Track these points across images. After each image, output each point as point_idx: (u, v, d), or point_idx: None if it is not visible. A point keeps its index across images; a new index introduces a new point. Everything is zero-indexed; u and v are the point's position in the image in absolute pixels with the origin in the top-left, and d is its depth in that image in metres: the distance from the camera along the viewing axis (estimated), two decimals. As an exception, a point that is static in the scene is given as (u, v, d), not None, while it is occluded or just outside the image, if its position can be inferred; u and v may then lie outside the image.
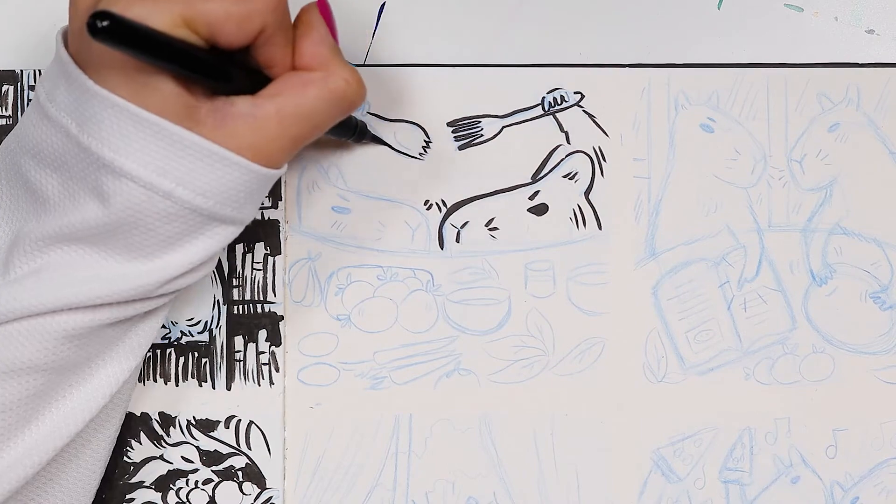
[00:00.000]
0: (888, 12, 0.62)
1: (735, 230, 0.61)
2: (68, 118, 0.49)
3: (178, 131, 0.48)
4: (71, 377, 0.53)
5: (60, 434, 0.52)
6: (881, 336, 0.61)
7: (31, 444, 0.52)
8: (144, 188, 0.48)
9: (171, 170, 0.48)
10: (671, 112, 0.61)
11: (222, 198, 0.50)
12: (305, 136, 0.51)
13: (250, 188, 0.50)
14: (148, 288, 0.51)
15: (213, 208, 0.50)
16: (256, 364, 0.60)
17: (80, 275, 0.50)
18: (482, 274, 0.60)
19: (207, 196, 0.49)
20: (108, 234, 0.50)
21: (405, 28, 0.61)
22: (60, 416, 0.53)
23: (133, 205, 0.49)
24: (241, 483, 0.60)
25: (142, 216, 0.49)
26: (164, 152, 0.48)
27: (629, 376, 0.60)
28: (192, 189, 0.49)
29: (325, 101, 0.50)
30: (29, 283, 0.50)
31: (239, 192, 0.50)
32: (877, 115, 0.61)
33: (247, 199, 0.51)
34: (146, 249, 0.50)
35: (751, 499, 0.60)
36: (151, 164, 0.48)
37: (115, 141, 0.48)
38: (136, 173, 0.48)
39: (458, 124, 0.61)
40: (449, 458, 0.60)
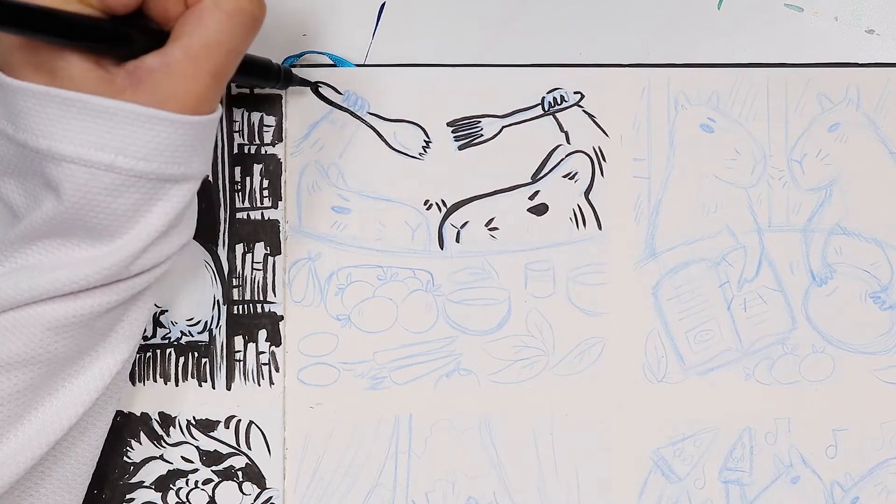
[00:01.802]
0: (888, 12, 0.62)
1: (735, 230, 0.61)
2: (4, 121, 0.49)
3: (101, 102, 0.48)
4: (62, 371, 0.53)
5: (54, 428, 0.53)
6: (881, 336, 0.61)
7: (24, 440, 0.52)
8: (86, 167, 0.48)
9: (106, 142, 0.48)
10: (671, 112, 0.61)
11: (164, 157, 0.49)
12: (224, 67, 0.50)
13: (190, 140, 0.50)
14: (121, 265, 0.51)
15: (159, 169, 0.49)
16: (256, 364, 0.60)
17: (53, 264, 0.51)
18: (482, 274, 0.60)
19: (149, 159, 0.49)
20: (69, 222, 0.50)
21: (405, 28, 0.61)
22: (53, 411, 0.53)
23: (81, 186, 0.48)
24: (241, 483, 0.60)
25: (92, 195, 0.49)
26: (95, 127, 0.48)
27: (629, 376, 0.60)
28: (131, 156, 0.48)
29: (226, 22, 0.49)
30: (6, 280, 0.50)
31: (179, 147, 0.49)
32: (877, 115, 0.61)
33: (192, 153, 0.50)
34: (108, 229, 0.50)
35: (751, 499, 0.60)
36: (86, 141, 0.48)
37: (45, 128, 0.48)
38: (75, 154, 0.48)
39: (458, 124, 0.61)
40: (449, 458, 0.60)
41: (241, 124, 0.60)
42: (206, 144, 0.51)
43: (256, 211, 0.60)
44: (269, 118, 0.60)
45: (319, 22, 0.61)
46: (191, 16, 0.50)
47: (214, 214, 0.60)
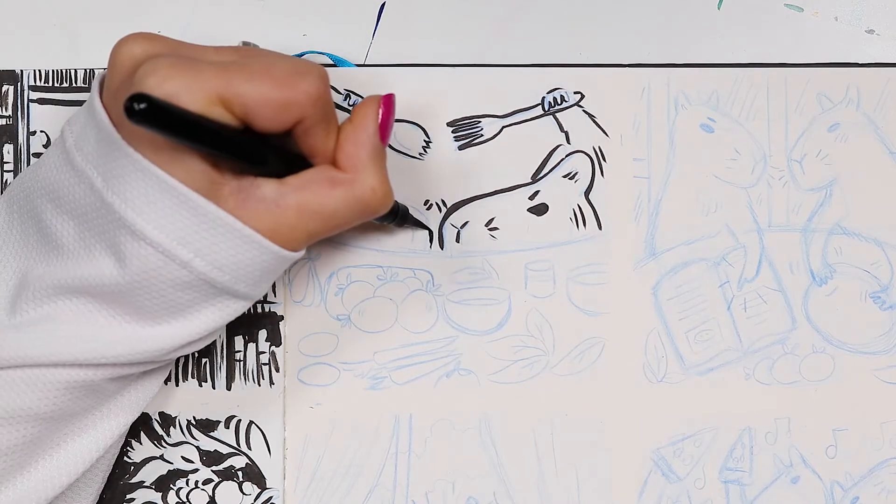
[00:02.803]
0: (888, 12, 0.62)
1: (735, 230, 0.61)
2: (94, 171, 0.48)
3: (203, 203, 0.47)
4: (67, 427, 0.53)
5: (53, 484, 0.53)
6: (881, 336, 0.61)
7: (23, 492, 0.52)
8: (163, 255, 0.48)
9: (191, 240, 0.48)
10: (671, 112, 0.61)
11: (238, 274, 0.49)
12: (323, 232, 0.51)
13: (266, 267, 0.50)
14: (154, 354, 0.51)
15: (228, 283, 0.49)
16: (256, 364, 0.60)
17: (87, 331, 0.50)
18: (482, 274, 0.60)
19: (224, 270, 0.49)
20: (120, 294, 0.49)
21: (405, 28, 0.61)
22: (54, 466, 0.53)
23: (149, 269, 0.48)
24: (241, 483, 0.60)
25: (156, 282, 0.49)
26: (187, 222, 0.48)
27: (629, 376, 0.60)
28: (209, 262, 0.48)
29: (348, 205, 0.50)
30: (35, 333, 0.50)
31: (255, 271, 0.50)
32: (877, 115, 0.61)
33: (261, 278, 0.51)
34: (155, 314, 0.50)
35: (751, 499, 0.60)
36: (173, 232, 0.48)
37: (139, 203, 0.47)
38: (157, 239, 0.48)
39: (458, 124, 0.61)
40: (449, 458, 0.60)
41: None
42: (275, 274, 0.51)
43: (256, 211, 0.60)
44: (269, 118, 0.60)
45: (319, 22, 0.61)
46: (325, 177, 0.50)
47: (214, 214, 0.60)
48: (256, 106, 0.47)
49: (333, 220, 0.50)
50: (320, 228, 0.50)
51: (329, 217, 0.50)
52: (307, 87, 0.48)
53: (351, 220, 0.51)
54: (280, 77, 0.48)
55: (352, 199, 0.50)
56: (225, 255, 0.49)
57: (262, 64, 0.48)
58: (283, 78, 0.48)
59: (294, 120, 0.48)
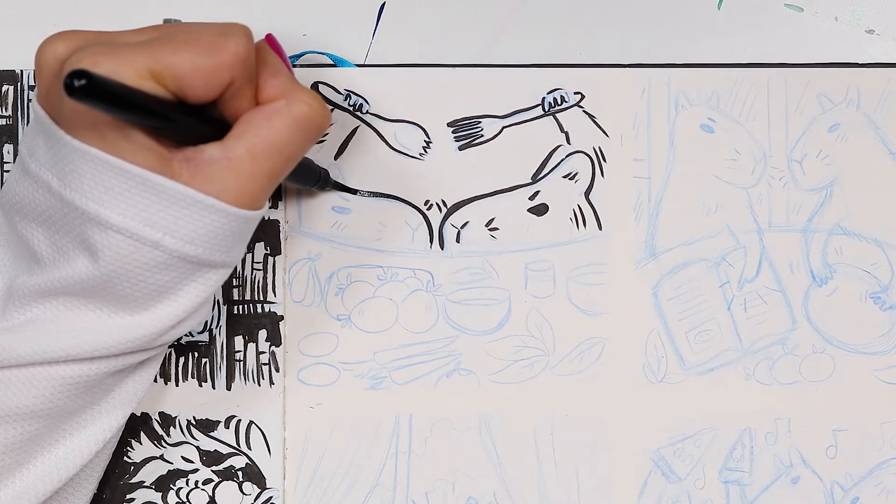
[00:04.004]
0: (888, 12, 0.62)
1: (735, 230, 0.61)
2: (49, 174, 0.48)
3: (161, 181, 0.47)
4: (65, 424, 0.53)
5: (51, 479, 0.53)
6: (881, 336, 0.61)
7: (21, 489, 0.52)
8: (132, 239, 0.48)
9: (157, 220, 0.48)
10: (671, 112, 0.61)
11: (210, 244, 0.49)
12: (281, 169, 0.50)
13: (236, 231, 0.50)
14: (144, 340, 0.51)
15: (203, 255, 0.49)
16: (256, 364, 0.60)
17: (75, 328, 0.50)
18: (482, 274, 0.60)
19: (196, 243, 0.49)
20: (100, 288, 0.49)
21: (405, 28, 0.61)
22: (52, 462, 0.53)
23: (122, 257, 0.48)
24: (241, 483, 0.60)
25: (131, 267, 0.49)
26: (148, 203, 0.47)
27: (629, 376, 0.60)
28: (179, 237, 0.48)
29: (293, 128, 0.50)
30: (25, 334, 0.50)
31: (226, 237, 0.49)
32: (877, 115, 0.61)
33: (234, 243, 0.50)
34: (138, 301, 0.50)
35: (751, 499, 0.60)
36: (137, 215, 0.48)
37: (98, 194, 0.47)
38: (123, 224, 0.48)
39: (458, 124, 0.61)
40: (449, 458, 0.60)
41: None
42: (248, 236, 0.51)
43: (256, 211, 0.60)
44: (269, 118, 0.60)
45: (319, 22, 0.61)
46: (259, 115, 0.49)
47: (214, 214, 0.60)
48: (188, 75, 0.47)
49: (285, 150, 0.49)
50: (276, 165, 0.50)
51: (280, 149, 0.49)
52: (235, 47, 0.48)
53: (300, 143, 0.50)
54: (207, 43, 0.48)
55: (293, 120, 0.49)
56: (192, 227, 0.48)
57: (186, 34, 0.48)
58: (209, 43, 0.48)
59: (226, 83, 0.48)
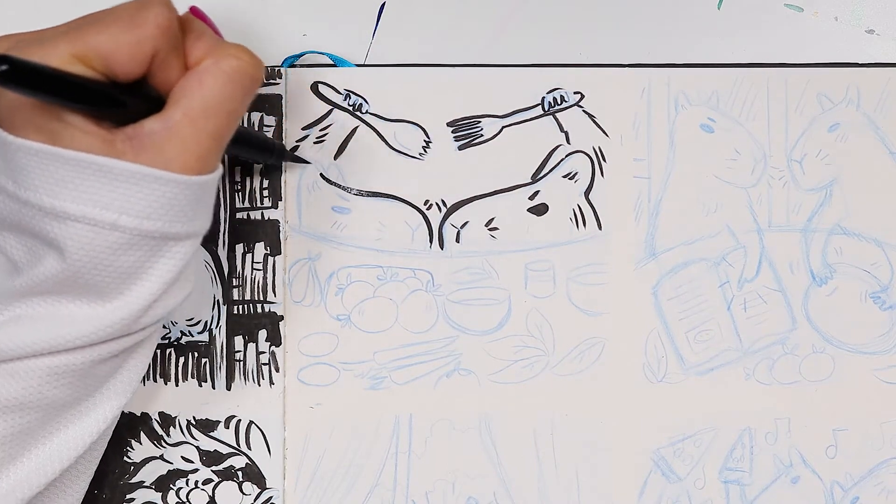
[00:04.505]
0: (888, 12, 0.62)
1: (735, 230, 0.61)
2: (3, 178, 0.48)
3: (106, 162, 0.47)
4: (59, 416, 0.53)
5: (46, 471, 0.53)
6: (881, 336, 0.61)
7: (16, 481, 0.52)
8: (90, 225, 0.48)
9: (110, 202, 0.48)
10: (671, 112, 0.61)
11: (168, 216, 0.49)
12: (223, 127, 0.49)
13: (192, 199, 0.49)
14: (124, 323, 0.51)
15: (163, 228, 0.49)
16: (256, 364, 0.60)
17: (54, 321, 0.50)
18: (482, 274, 0.60)
19: (153, 218, 0.49)
20: (71, 280, 0.49)
21: (405, 28, 0.61)
22: (48, 454, 0.53)
23: (85, 245, 0.48)
24: (241, 483, 0.60)
25: (95, 254, 0.48)
26: (99, 186, 0.47)
27: (629, 376, 0.60)
28: (135, 215, 0.48)
29: (225, 84, 0.49)
30: (6, 331, 0.50)
31: (183, 206, 0.49)
32: (877, 115, 0.61)
33: (194, 211, 0.50)
34: (111, 286, 0.50)
35: (751, 499, 0.60)
36: (90, 200, 0.47)
37: (49, 186, 0.47)
38: (79, 212, 0.47)
39: (458, 124, 0.61)
40: (449, 458, 0.60)
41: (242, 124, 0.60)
42: (207, 202, 0.51)
43: (256, 211, 0.60)
44: (269, 118, 0.60)
45: (319, 22, 0.61)
46: (191, 78, 0.49)
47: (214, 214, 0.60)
48: (112, 53, 0.47)
49: (223, 107, 0.49)
50: (218, 124, 0.49)
51: (217, 106, 0.49)
52: (155, 18, 0.48)
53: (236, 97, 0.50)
54: (126, 18, 0.48)
55: (223, 75, 0.49)
56: (146, 202, 0.48)
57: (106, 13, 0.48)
58: (129, 18, 0.48)
59: (150, 55, 0.48)
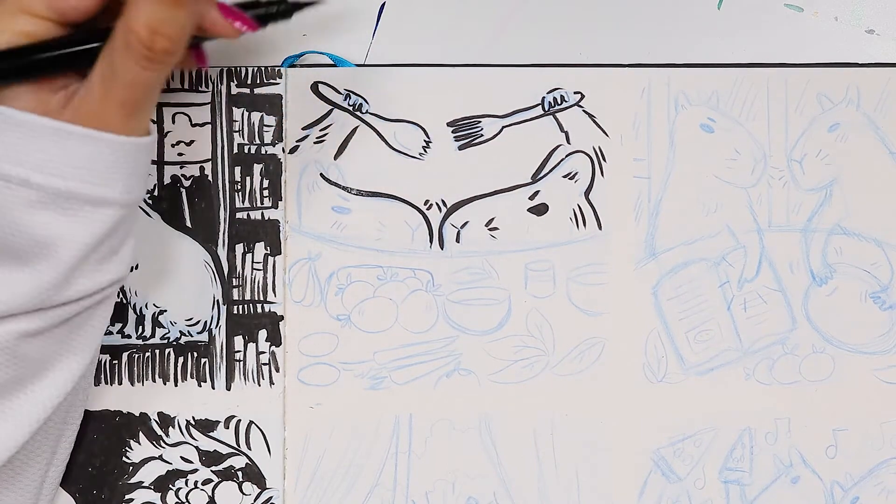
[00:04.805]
0: (888, 12, 0.62)
1: (735, 230, 0.61)
2: None
3: (24, 116, 0.47)
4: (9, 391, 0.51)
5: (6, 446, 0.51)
6: (881, 336, 0.61)
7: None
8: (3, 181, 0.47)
9: (23, 158, 0.47)
10: (671, 112, 0.61)
11: (82, 176, 0.48)
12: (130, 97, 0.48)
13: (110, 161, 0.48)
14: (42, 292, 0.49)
15: (76, 188, 0.48)
16: (256, 364, 0.60)
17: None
18: (482, 274, 0.60)
19: (66, 177, 0.48)
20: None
21: (405, 28, 0.61)
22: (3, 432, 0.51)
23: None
24: (241, 483, 0.60)
25: (7, 210, 0.48)
26: (16, 141, 0.47)
27: (629, 376, 0.60)
28: (48, 173, 0.47)
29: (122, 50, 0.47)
30: None
31: (101, 168, 0.48)
32: (877, 115, 0.61)
33: (112, 175, 0.48)
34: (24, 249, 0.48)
35: (751, 499, 0.60)
36: (5, 155, 0.47)
37: None
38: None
39: (458, 124, 0.61)
40: (449, 458, 0.60)
41: (241, 124, 0.60)
42: (131, 169, 0.49)
43: (256, 211, 0.60)
44: (269, 118, 0.60)
45: (319, 22, 0.61)
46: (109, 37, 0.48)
47: (214, 214, 0.60)
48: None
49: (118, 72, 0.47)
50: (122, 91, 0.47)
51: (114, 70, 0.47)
52: None
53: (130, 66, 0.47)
54: None
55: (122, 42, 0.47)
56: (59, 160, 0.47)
57: None
58: None
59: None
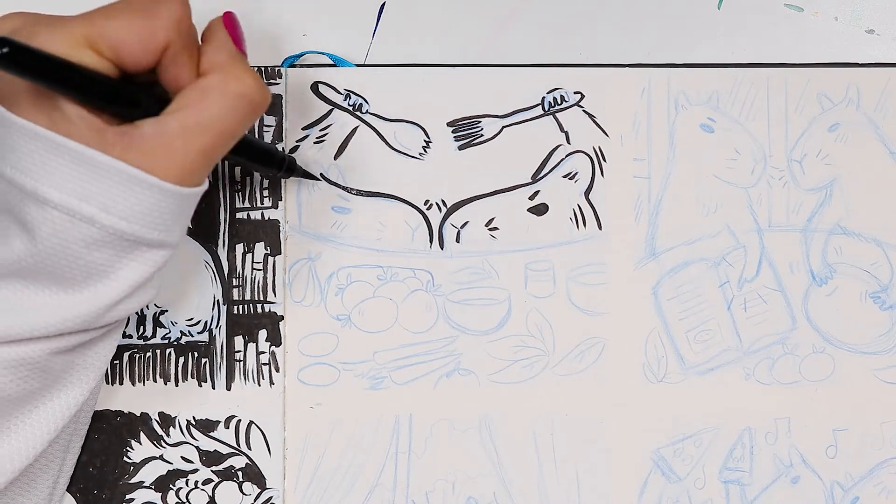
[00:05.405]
0: (888, 12, 0.62)
1: (735, 230, 0.61)
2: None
3: (94, 155, 0.47)
4: (15, 411, 0.52)
5: (3, 470, 0.52)
6: (881, 336, 0.61)
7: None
8: (67, 215, 0.47)
9: (91, 195, 0.47)
10: (671, 112, 0.61)
11: (146, 221, 0.49)
12: (215, 146, 0.49)
13: (172, 209, 0.49)
14: (84, 318, 0.50)
15: (138, 232, 0.49)
16: (256, 364, 0.60)
17: (16, 308, 0.50)
18: (482, 274, 0.60)
19: (130, 220, 0.48)
20: (38, 266, 0.49)
21: (405, 28, 0.61)
22: (5, 452, 0.52)
23: (58, 233, 0.48)
24: (241, 483, 0.60)
25: (67, 244, 0.48)
26: (83, 177, 0.47)
27: (629, 376, 0.60)
28: (114, 213, 0.48)
29: (226, 105, 0.49)
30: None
31: (162, 214, 0.49)
32: (877, 115, 0.61)
33: (173, 221, 0.50)
34: (76, 279, 0.49)
35: (751, 499, 0.60)
36: (72, 190, 0.47)
37: (33, 168, 0.47)
38: (58, 200, 0.47)
39: (458, 124, 0.61)
40: (449, 458, 0.60)
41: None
42: (186, 214, 0.50)
43: (256, 211, 0.60)
44: (269, 118, 0.60)
45: (319, 22, 0.61)
46: (194, 90, 0.49)
47: (214, 214, 0.60)
48: (123, 41, 0.47)
49: (218, 126, 0.49)
50: (211, 142, 0.49)
51: (212, 125, 0.49)
52: (168, 11, 0.48)
53: (235, 120, 0.49)
54: (140, 7, 0.48)
55: (226, 96, 0.49)
56: (128, 204, 0.48)
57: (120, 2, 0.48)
58: (143, 7, 0.48)
59: (160, 48, 0.48)
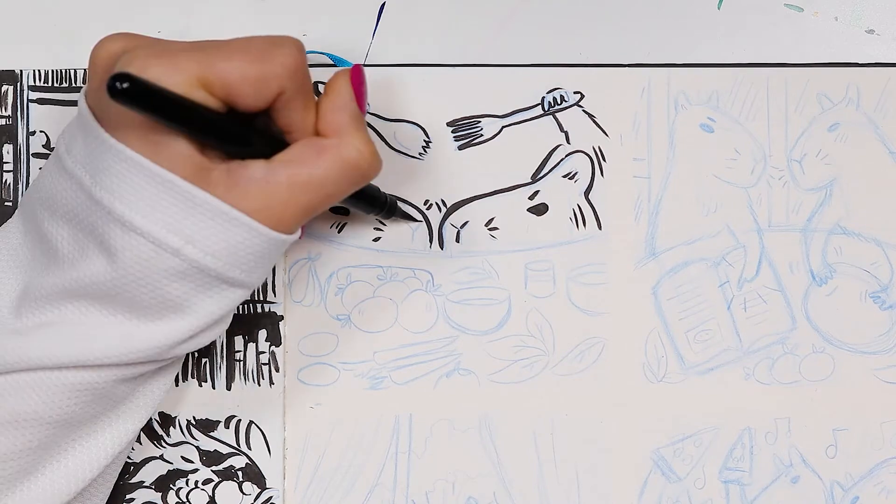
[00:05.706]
0: (888, 12, 0.62)
1: (735, 230, 0.61)
2: (82, 170, 0.48)
3: (189, 189, 0.47)
4: (74, 433, 0.52)
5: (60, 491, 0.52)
6: (881, 336, 0.61)
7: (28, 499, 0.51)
8: (153, 244, 0.48)
9: (181, 227, 0.48)
10: (671, 112, 0.61)
11: (232, 259, 0.49)
12: (317, 205, 0.50)
13: (260, 251, 0.49)
14: (156, 350, 0.50)
15: (222, 269, 0.49)
16: (256, 364, 0.60)
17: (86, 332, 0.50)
18: (482, 274, 0.60)
19: (217, 257, 0.48)
20: (114, 291, 0.49)
21: (405, 28, 0.61)
22: (62, 473, 0.52)
23: (140, 260, 0.48)
24: (241, 483, 0.60)
25: (149, 273, 0.48)
26: (175, 209, 0.47)
27: (629, 376, 0.60)
28: (201, 248, 0.48)
29: (337, 171, 0.49)
30: (37, 337, 0.50)
31: (248, 255, 0.49)
32: (877, 115, 0.61)
33: (257, 263, 0.50)
34: (151, 309, 0.50)
35: (751, 499, 0.60)
36: (161, 220, 0.47)
37: (126, 195, 0.47)
38: (146, 228, 0.47)
39: (458, 124, 0.61)
40: (449, 458, 0.60)
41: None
42: (272, 259, 0.51)
43: (256, 211, 0.60)
44: (269, 118, 0.60)
45: (319, 22, 0.61)
46: (311, 146, 0.49)
47: (214, 214, 0.60)
48: (237, 83, 0.47)
49: (324, 188, 0.49)
50: (313, 200, 0.49)
51: (320, 186, 0.49)
52: (284, 58, 0.48)
53: (342, 186, 0.50)
54: (257, 51, 0.48)
55: (340, 163, 0.49)
56: (216, 240, 0.48)
57: (237, 42, 0.49)
58: (259, 52, 0.48)
59: (274, 94, 0.48)
